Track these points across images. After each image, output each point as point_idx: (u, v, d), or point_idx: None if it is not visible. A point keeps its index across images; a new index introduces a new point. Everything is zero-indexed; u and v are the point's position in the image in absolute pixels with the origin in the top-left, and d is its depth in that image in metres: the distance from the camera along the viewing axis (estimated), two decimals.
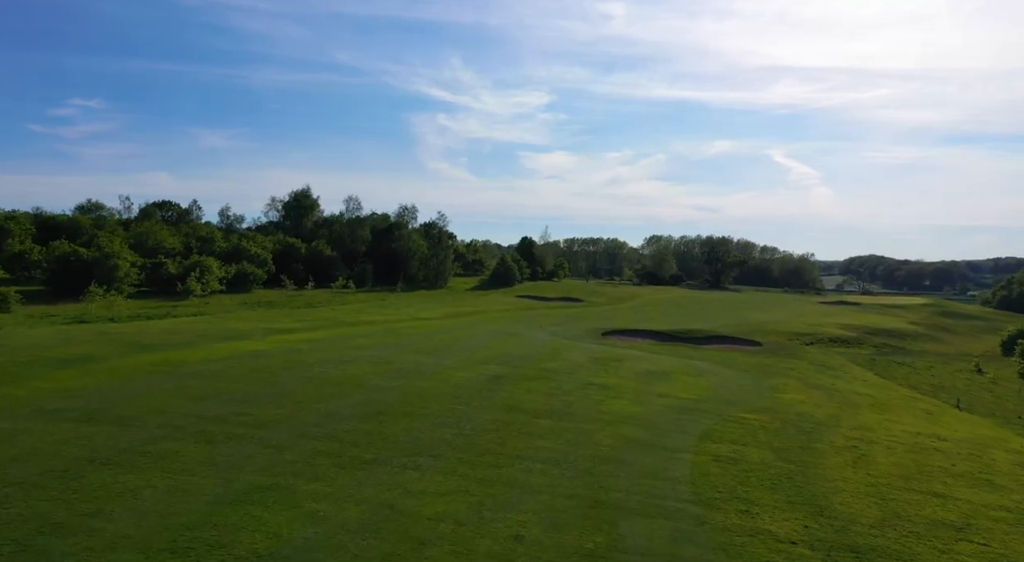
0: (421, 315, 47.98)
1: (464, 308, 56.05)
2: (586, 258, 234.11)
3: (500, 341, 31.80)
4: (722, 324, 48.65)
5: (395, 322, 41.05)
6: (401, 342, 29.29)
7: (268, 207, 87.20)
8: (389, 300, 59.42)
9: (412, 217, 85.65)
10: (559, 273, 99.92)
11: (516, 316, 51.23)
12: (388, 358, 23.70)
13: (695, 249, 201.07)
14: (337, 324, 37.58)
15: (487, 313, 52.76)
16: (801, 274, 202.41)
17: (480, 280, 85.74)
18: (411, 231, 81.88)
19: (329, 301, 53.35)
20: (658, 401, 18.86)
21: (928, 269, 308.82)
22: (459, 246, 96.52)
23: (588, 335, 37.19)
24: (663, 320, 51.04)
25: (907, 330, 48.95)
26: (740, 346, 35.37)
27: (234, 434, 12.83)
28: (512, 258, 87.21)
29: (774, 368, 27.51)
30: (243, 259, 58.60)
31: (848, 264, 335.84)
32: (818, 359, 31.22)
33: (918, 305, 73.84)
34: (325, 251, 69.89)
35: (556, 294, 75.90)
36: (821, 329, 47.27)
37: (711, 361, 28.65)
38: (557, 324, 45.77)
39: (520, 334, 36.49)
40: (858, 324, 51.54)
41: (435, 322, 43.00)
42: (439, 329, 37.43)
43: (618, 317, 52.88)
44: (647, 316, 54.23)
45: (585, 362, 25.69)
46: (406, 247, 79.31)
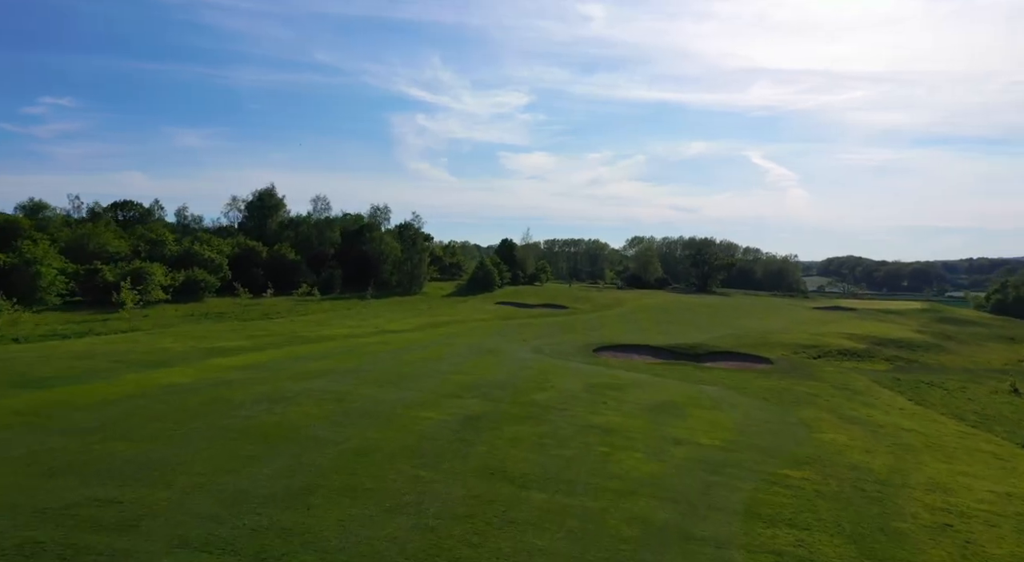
0: (390, 326, 43.80)
1: (439, 317, 51.96)
2: (567, 259, 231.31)
3: (478, 362, 27.83)
4: (720, 336, 45.38)
5: (360, 336, 36.82)
6: (361, 366, 25.14)
7: (228, 207, 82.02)
8: (357, 309, 55.03)
9: (385, 218, 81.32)
10: (541, 277, 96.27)
11: (496, 327, 47.31)
12: (340, 392, 19.59)
13: (678, 250, 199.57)
14: (291, 340, 33.25)
15: (464, 323, 48.75)
16: (784, 276, 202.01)
17: (458, 285, 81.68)
18: (384, 233, 77.46)
19: (289, 311, 48.82)
20: (677, 452, 15.09)
21: (906, 270, 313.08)
22: (436, 249, 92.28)
23: (578, 351, 33.43)
24: (657, 331, 47.57)
25: (915, 340, 46.18)
26: (748, 363, 31.92)
27: (75, 546, 8.65)
28: (492, 262, 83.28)
29: (794, 393, 24.01)
30: (194, 264, 53.70)
31: (827, 265, 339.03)
32: (838, 380, 27.85)
33: (915, 311, 71.69)
34: (288, 255, 65.14)
35: (538, 300, 72.15)
36: (826, 340, 44.21)
37: (722, 385, 25.06)
38: (542, 337, 41.97)
39: (501, 351, 32.58)
40: (862, 333, 48.67)
41: (406, 336, 38.88)
42: (409, 345, 33.32)
43: (607, 327, 49.28)
44: (639, 326, 50.74)
45: (579, 391, 21.87)
46: (378, 250, 74.90)
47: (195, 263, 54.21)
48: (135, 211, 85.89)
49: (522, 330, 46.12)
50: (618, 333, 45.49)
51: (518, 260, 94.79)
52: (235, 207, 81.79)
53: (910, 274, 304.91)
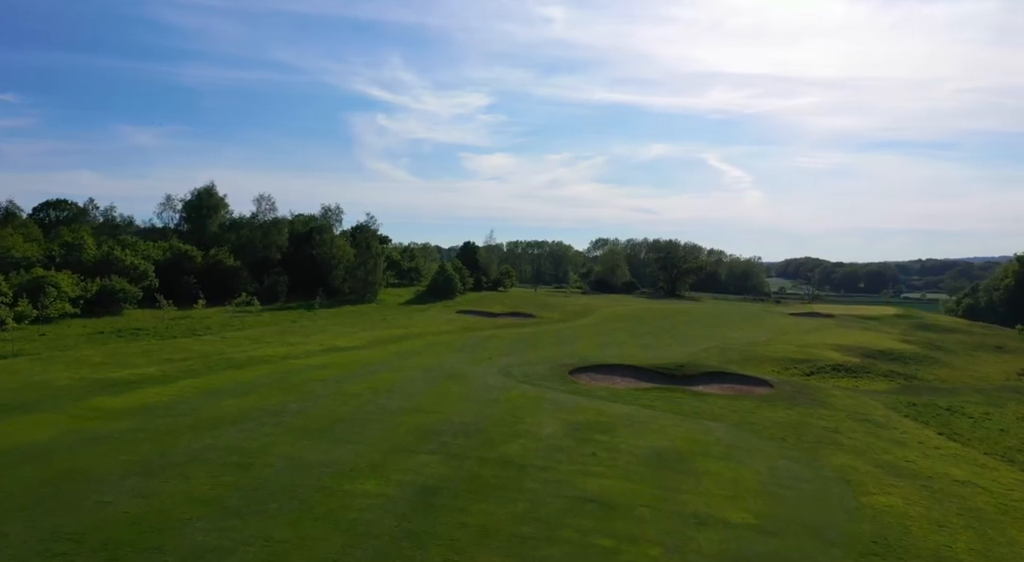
0: (338, 343, 39.05)
1: (395, 330, 47.34)
2: (531, 261, 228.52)
3: (437, 393, 23.56)
4: (704, 349, 42.17)
5: (299, 358, 32.04)
6: (290, 404, 20.57)
7: (162, 207, 75.16)
8: (302, 321, 49.92)
9: (337, 219, 75.86)
10: (505, 282, 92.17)
11: (458, 341, 43.02)
12: (251, 451, 15.09)
13: (642, 252, 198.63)
14: (213, 366, 28.30)
15: (422, 337, 44.29)
16: (748, 278, 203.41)
17: (416, 292, 76.91)
18: (335, 236, 72.12)
19: (222, 326, 43.44)
20: (705, 542, 11.21)
21: (863, 272, 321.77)
22: (392, 252, 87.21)
23: (552, 373, 29.46)
24: (635, 344, 44.07)
25: (905, 351, 43.97)
26: (745, 387, 28.52)
27: None
28: (453, 266, 78.82)
29: (812, 430, 20.59)
30: (113, 272, 47.63)
31: (785, 266, 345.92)
32: (851, 407, 24.64)
33: (891, 316, 70.49)
34: (226, 261, 59.32)
35: (503, 308, 68.08)
36: (815, 353, 41.46)
37: (725, 419, 21.44)
38: (510, 353, 37.91)
39: (464, 376, 28.37)
40: (849, 344, 46.25)
41: (354, 355, 34.26)
42: (355, 369, 28.77)
43: (581, 340, 45.54)
44: (614, 338, 47.19)
45: (561, 435, 17.88)
46: (328, 254, 69.59)
47: (115, 270, 48.15)
48: (69, 211, 78.14)
49: (487, 344, 41.98)
50: (593, 348, 41.80)
51: (481, 264, 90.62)
52: (170, 207, 75.13)
53: (867, 276, 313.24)
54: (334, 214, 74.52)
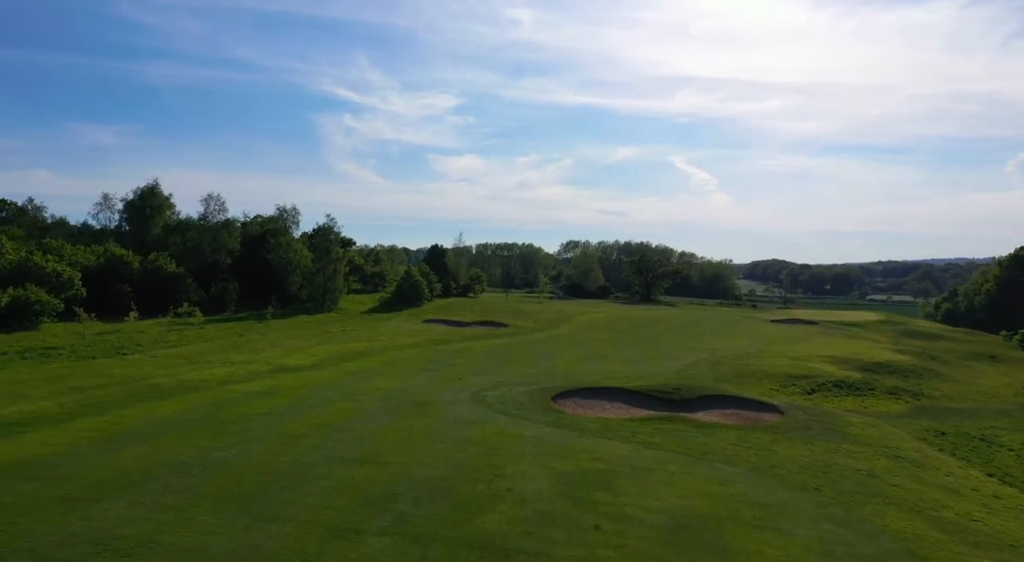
0: (288, 361, 34.85)
1: (354, 344, 43.19)
2: (501, 264, 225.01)
3: (395, 432, 19.76)
4: (692, 363, 39.24)
5: (238, 382, 27.82)
6: (208, 454, 16.52)
7: (99, 207, 69.14)
8: (251, 334, 45.34)
9: (294, 221, 70.89)
10: (475, 288, 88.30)
11: (424, 357, 39.16)
12: (131, 542, 11.09)
13: (613, 255, 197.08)
14: (130, 396, 23.93)
15: (384, 352, 40.27)
16: (719, 281, 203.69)
17: (381, 298, 72.55)
18: (292, 238, 67.30)
19: (154, 342, 38.69)
20: None
21: (829, 273, 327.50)
22: (355, 256, 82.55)
23: (532, 399, 25.89)
24: (618, 359, 40.85)
25: (902, 364, 41.78)
26: (751, 413, 25.43)
27: None
28: (420, 271, 74.70)
29: (844, 473, 17.51)
30: (31, 280, 42.32)
31: (752, 268, 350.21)
32: (877, 439, 21.70)
33: (874, 323, 69.07)
34: (167, 266, 54.11)
35: (474, 316, 64.32)
36: (810, 366, 38.90)
37: (744, 462, 18.19)
38: (482, 371, 34.25)
39: (430, 403, 24.62)
40: (843, 355, 43.93)
41: (304, 377, 30.16)
42: (303, 397, 24.73)
43: (560, 354, 42.12)
44: (594, 351, 43.91)
45: (552, 495, 14.33)
46: (284, 258, 64.80)
47: (33, 278, 42.82)
48: (8, 210, 71.42)
49: (457, 361, 38.23)
50: (573, 363, 38.42)
51: (450, 269, 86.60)
52: (107, 207, 69.13)
53: (832, 278, 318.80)
54: (290, 215, 69.63)
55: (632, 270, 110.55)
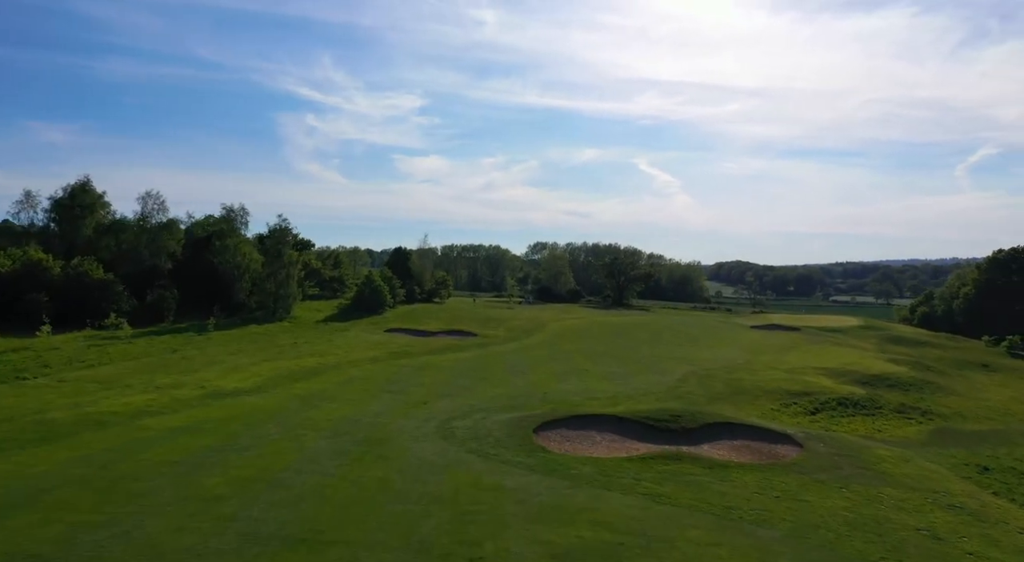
0: (225, 383, 30.36)
1: (306, 359, 38.77)
2: (467, 266, 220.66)
3: (343, 488, 15.81)
4: (680, 379, 36.14)
5: (156, 414, 23.35)
6: (79, 536, 12.28)
7: (20, 206, 62.59)
8: (187, 350, 40.43)
9: (242, 221, 65.53)
10: (441, 293, 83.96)
11: (384, 374, 35.05)
12: None
13: (582, 256, 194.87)
14: (10, 439, 19.30)
15: (339, 370, 36.00)
16: (688, 283, 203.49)
17: (339, 305, 67.73)
18: (241, 240, 62.04)
19: (67, 362, 33.61)
20: None
21: (792, 275, 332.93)
22: (312, 259, 77.47)
23: (509, 432, 22.16)
24: (598, 372, 37.44)
25: (900, 376, 39.49)
26: (764, 445, 22.21)
27: None
28: (381, 276, 70.14)
29: (905, 536, 14.38)
30: None
31: (717, 269, 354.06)
32: (917, 480, 18.70)
33: (854, 328, 67.53)
34: (92, 272, 48.45)
35: (440, 325, 60.22)
36: (807, 380, 36.18)
37: (777, 521, 14.85)
38: (450, 392, 30.37)
39: (388, 441, 20.71)
40: (837, 367, 41.47)
41: (240, 404, 25.84)
42: (233, 435, 20.49)
43: (534, 368, 38.46)
44: (573, 364, 40.37)
45: None
46: (231, 262, 59.62)
47: None
48: None
49: (422, 378, 34.25)
50: (552, 381, 34.84)
51: (414, 272, 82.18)
52: (30, 206, 62.65)
53: (796, 279, 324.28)
54: (239, 215, 64.24)
55: (604, 273, 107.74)
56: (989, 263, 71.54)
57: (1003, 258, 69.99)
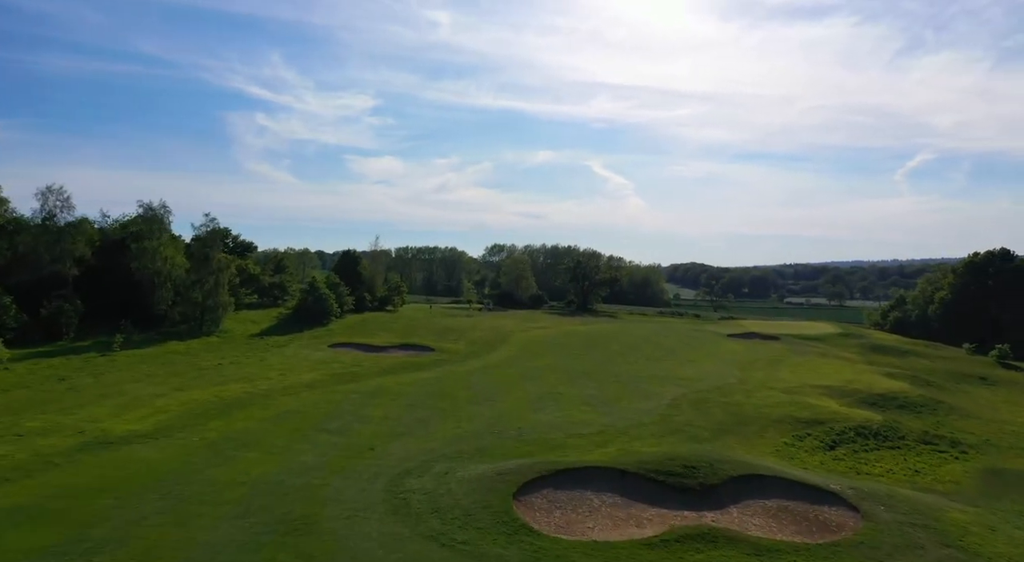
0: (114, 425, 24.13)
1: (229, 387, 32.56)
2: (423, 269, 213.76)
3: None
4: (671, 403, 31.71)
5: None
6: None
7: None
8: (79, 377, 33.58)
9: (165, 221, 57.82)
10: (394, 300, 77.59)
11: (323, 407, 29.28)
12: None
13: (540, 258, 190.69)
14: None
15: (268, 401, 29.99)
16: (648, 286, 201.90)
17: (279, 315, 60.90)
18: (161, 243, 54.56)
19: None
20: None
21: (746, 276, 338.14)
22: (250, 264, 70.16)
23: (482, 499, 16.93)
24: (577, 397, 32.55)
25: (906, 394, 36.06)
26: (807, 507, 17.67)
27: None
28: (328, 282, 63.61)
29: None
30: None
31: (672, 271, 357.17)
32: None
33: (832, 335, 64.96)
34: None
35: (392, 338, 54.36)
36: (811, 403, 32.19)
37: None
38: (404, 432, 24.95)
39: (316, 519, 15.26)
40: (837, 385, 37.85)
41: (125, 457, 19.94)
42: (99, 516, 14.77)
43: (503, 394, 33.24)
44: (547, 387, 35.33)
45: None
46: (150, 268, 52.24)
47: None
48: None
49: (369, 411, 28.66)
50: (526, 411, 29.74)
51: (364, 278, 75.73)
52: None
53: (750, 281, 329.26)
54: (159, 214, 56.55)
55: (567, 277, 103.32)
56: (965, 267, 70.17)
57: (979, 262, 68.69)
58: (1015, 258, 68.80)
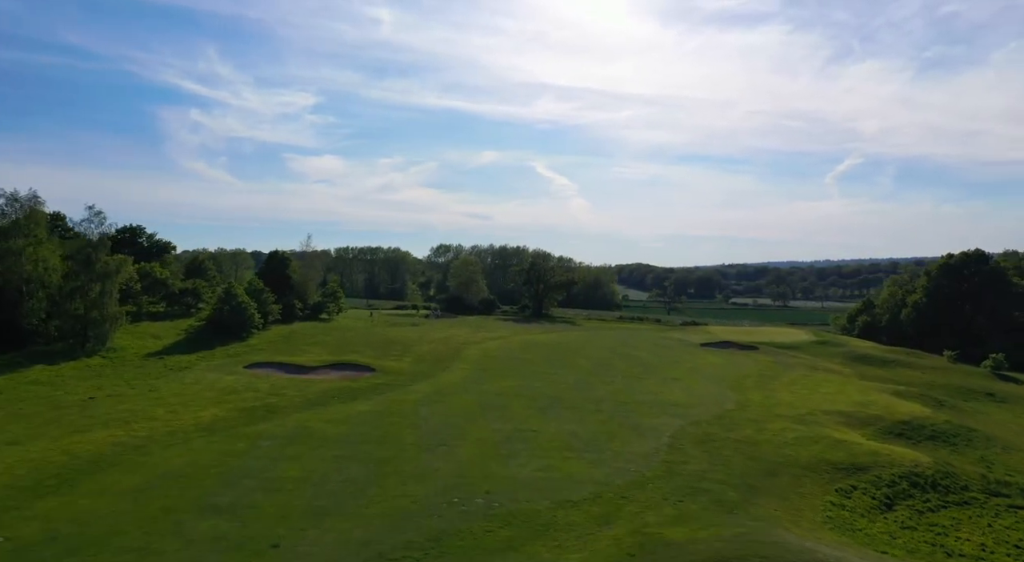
0: None
1: (89, 436, 24.41)
2: (364, 270, 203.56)
3: None
4: (671, 442, 25.84)
5: None
6: None
7: None
8: None
9: (37, 218, 47.64)
10: (330, 307, 69.05)
11: (215, 470, 21.70)
12: None
13: (488, 259, 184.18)
14: None
15: (139, 457, 22.13)
16: (599, 287, 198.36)
17: (190, 328, 51.79)
18: (30, 242, 44.78)
19: None
20: None
21: (692, 277, 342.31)
22: (156, 268, 60.39)
23: None
24: (556, 435, 26.03)
25: (927, 419, 31.39)
26: None
27: None
28: (249, 288, 54.96)
29: None
30: None
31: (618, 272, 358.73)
32: None
33: (809, 344, 61.06)
34: None
35: (324, 355, 46.48)
36: (838, 438, 26.83)
37: None
38: (325, 505, 17.78)
39: None
40: (854, 411, 32.87)
41: None
42: None
43: (462, 434, 26.35)
44: (516, 423, 28.61)
45: None
46: (17, 273, 42.59)
47: None
48: None
49: (281, 470, 21.30)
50: (493, 461, 23.02)
51: (295, 282, 67.14)
52: None
53: (696, 281, 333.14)
54: (28, 209, 46.43)
55: (521, 280, 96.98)
56: (939, 269, 67.81)
57: (954, 264, 66.41)
58: (990, 259, 66.91)
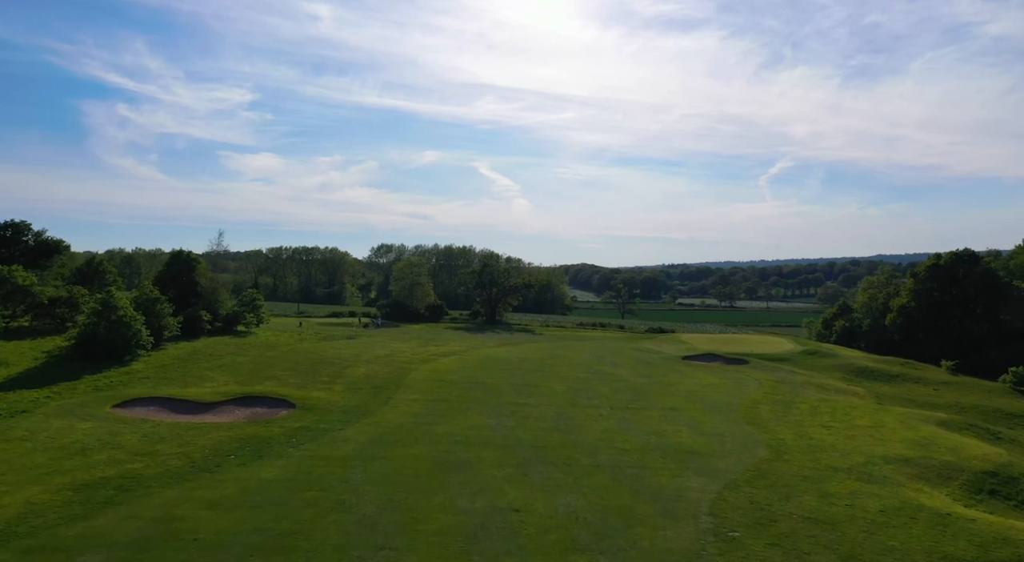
0: None
1: None
2: (299, 271, 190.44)
3: None
4: (714, 525, 19.01)
5: None
6: None
7: None
8: None
9: None
10: (247, 318, 58.52)
11: None
12: None
13: (432, 260, 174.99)
14: None
15: None
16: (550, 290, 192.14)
17: (56, 349, 41.01)
18: None
19: None
20: None
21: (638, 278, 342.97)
22: (18, 272, 48.76)
23: None
24: (549, 515, 17.83)
25: (1007, 464, 25.00)
26: None
27: None
28: (138, 299, 44.50)
29: None
30: None
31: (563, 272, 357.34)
32: None
33: (801, 355, 55.28)
34: None
35: (230, 384, 36.84)
36: (926, 505, 20.06)
37: None
38: None
39: None
40: (920, 457, 26.25)
41: None
42: None
43: (411, 522, 17.83)
44: (492, 497, 20.31)
45: None
46: None
47: None
48: None
49: None
50: None
51: (204, 290, 56.54)
52: None
53: (642, 282, 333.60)
54: None
55: (473, 283, 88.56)
56: (927, 271, 63.60)
57: (944, 265, 62.31)
58: (981, 260, 63.21)
